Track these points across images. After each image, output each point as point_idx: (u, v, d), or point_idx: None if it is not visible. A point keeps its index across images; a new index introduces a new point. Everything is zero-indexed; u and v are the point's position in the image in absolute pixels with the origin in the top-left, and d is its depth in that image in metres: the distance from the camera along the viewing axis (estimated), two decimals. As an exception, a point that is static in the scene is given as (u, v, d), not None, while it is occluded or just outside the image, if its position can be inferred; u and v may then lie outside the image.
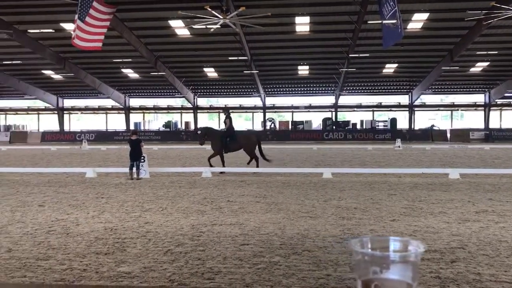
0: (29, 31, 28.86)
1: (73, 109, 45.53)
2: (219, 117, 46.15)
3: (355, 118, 43.61)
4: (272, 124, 43.15)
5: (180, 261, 5.12)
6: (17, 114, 47.36)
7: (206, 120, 47.86)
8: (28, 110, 46.93)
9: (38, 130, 45.30)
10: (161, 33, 29.66)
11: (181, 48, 32.23)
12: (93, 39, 21.03)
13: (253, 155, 14.62)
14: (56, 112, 44.29)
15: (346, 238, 6.09)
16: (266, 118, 43.17)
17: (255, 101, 43.71)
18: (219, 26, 22.61)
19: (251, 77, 37.25)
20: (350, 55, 31.67)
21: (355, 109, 43.47)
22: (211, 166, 14.32)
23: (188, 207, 8.48)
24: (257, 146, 14.66)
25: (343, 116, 45.65)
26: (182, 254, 5.38)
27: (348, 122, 42.46)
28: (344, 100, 42.65)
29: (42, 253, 5.47)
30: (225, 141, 14.64)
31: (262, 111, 43.31)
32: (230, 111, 16.42)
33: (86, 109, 45.98)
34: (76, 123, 47.07)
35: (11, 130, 44.34)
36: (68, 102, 44.78)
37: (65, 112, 44.71)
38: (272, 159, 15.13)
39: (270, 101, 43.51)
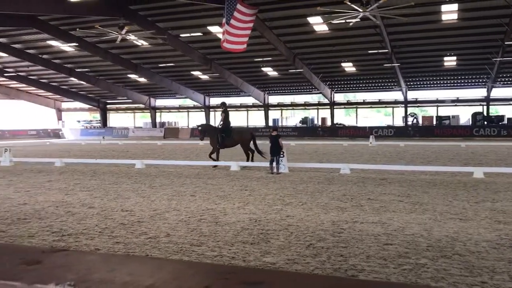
0: (180, 35, 31.50)
1: (217, 106, 48.63)
2: (356, 113, 45.31)
3: (511, 112, 39.28)
4: (414, 120, 41.00)
5: (322, 256, 5.16)
6: (170, 112, 52.18)
7: (343, 116, 47.36)
8: (179, 108, 51.47)
9: (188, 126, 49.39)
10: (299, 30, 30.07)
11: (319, 44, 32.31)
12: (238, 41, 22.07)
13: (248, 151, 15.23)
14: (203, 109, 47.80)
15: None
16: (408, 113, 41.16)
17: (396, 95, 41.96)
18: (358, 20, 22.16)
19: (391, 70, 35.84)
20: (505, 43, 28.59)
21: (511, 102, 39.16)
22: (213, 160, 15.22)
23: (328, 203, 8.49)
24: (251, 142, 15.15)
25: (495, 110, 41.48)
26: (324, 249, 5.42)
27: (502, 116, 38.43)
28: (498, 92, 38.68)
29: (195, 239, 5.96)
30: (221, 137, 15.27)
31: (403, 105, 41.42)
32: (227, 106, 16.60)
33: (229, 107, 48.71)
34: (220, 119, 50.15)
35: (165, 126, 49.05)
36: (213, 100, 48.02)
37: (211, 109, 47.99)
38: (267, 154, 14.36)
39: (412, 95, 41.39)
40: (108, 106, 53.83)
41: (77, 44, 32.73)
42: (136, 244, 5.76)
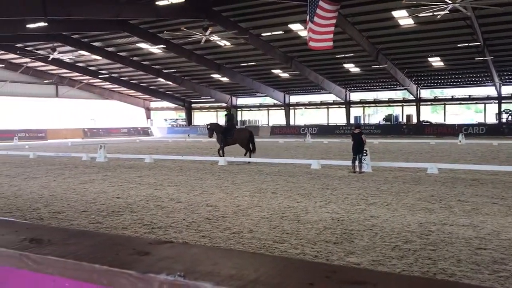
0: (262, 34, 31.85)
1: (297, 104, 48.64)
2: (444, 110, 43.08)
3: None
4: (510, 117, 38.14)
5: (409, 258, 4.98)
6: (250, 110, 53.01)
7: (429, 113, 45.20)
8: (259, 107, 52.11)
9: (268, 124, 49.88)
10: (383, 25, 29.13)
11: (404, 38, 31.08)
12: (323, 39, 21.74)
13: (247, 148, 16.75)
14: (283, 107, 48.00)
15: None
16: (502, 109, 38.37)
17: (488, 90, 39.27)
18: (447, 12, 21.02)
19: (483, 64, 33.59)
20: None
21: None
22: (219, 155, 16.86)
23: (414, 204, 8.17)
24: (249, 140, 16.75)
25: None
26: (411, 252, 5.23)
27: None
28: None
29: (277, 236, 6.01)
30: (224, 135, 17.11)
31: (496, 101, 38.67)
32: (232, 109, 17.66)
33: (309, 104, 48.56)
34: (300, 117, 50.08)
35: (246, 124, 49.92)
36: (293, 98, 48.05)
37: (290, 107, 48.07)
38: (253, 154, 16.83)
39: (506, 90, 38.50)
40: (192, 105, 55.83)
41: (164, 46, 34.27)
42: (221, 238, 5.94)
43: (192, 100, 55.12)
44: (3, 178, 12.89)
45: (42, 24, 26.13)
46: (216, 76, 43.22)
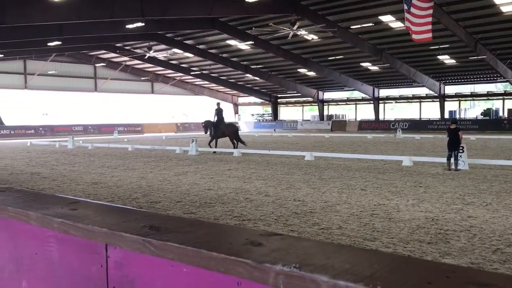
0: (351, 27, 31.21)
1: (387, 98, 47.04)
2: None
3: None
4: None
5: (513, 264, 4.64)
6: (337, 104, 52.23)
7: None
8: (347, 101, 51.18)
9: (355, 119, 48.84)
10: (483, 13, 27.19)
11: (507, 27, 28.76)
12: (423, 30, 20.77)
13: (233, 140, 19.46)
14: (371, 102, 46.70)
15: None
16: None
17: None
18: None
19: None
20: None
21: None
22: (210, 147, 19.43)
23: (518, 205, 7.57)
24: (234, 133, 19.51)
25: None
26: (515, 256, 4.87)
27: None
28: None
29: (368, 234, 5.89)
30: (213, 130, 19.42)
31: None
32: (220, 104, 20.62)
33: (400, 98, 46.77)
34: (390, 112, 48.42)
35: (333, 119, 49.30)
36: (383, 92, 46.54)
37: (380, 101, 46.63)
38: (247, 143, 19.96)
39: None
40: (278, 100, 56.25)
41: (252, 42, 34.86)
42: (309, 233, 5.95)
43: (278, 95, 55.52)
44: (106, 169, 13.94)
45: (139, 24, 27.77)
46: (302, 70, 43.13)
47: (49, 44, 32.92)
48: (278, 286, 0.80)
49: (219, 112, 19.97)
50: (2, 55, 37.78)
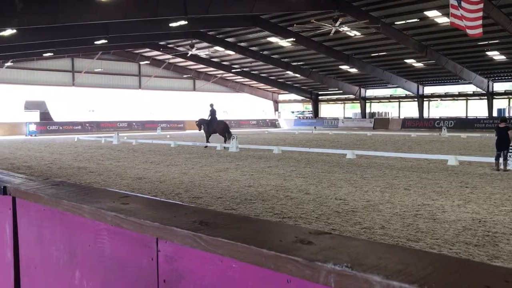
0: (395, 23, 30.53)
1: (432, 96, 45.75)
2: None
3: None
4: None
5: None
6: (380, 102, 51.25)
7: None
8: (390, 98, 50.12)
9: (399, 116, 47.79)
10: (536, 6, 25.97)
11: (562, 20, 27.35)
12: (475, 26, 20.01)
13: (223, 136, 21.24)
14: (416, 99, 45.55)
15: None
16: None
17: None
18: None
19: None
20: None
21: None
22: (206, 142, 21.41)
23: None
24: (225, 130, 21.27)
25: None
26: None
27: None
28: None
29: (411, 235, 5.77)
30: (207, 127, 21.55)
31: None
32: (213, 105, 22.15)
33: (445, 96, 45.39)
34: (435, 110, 47.08)
35: (375, 117, 48.43)
36: (427, 89, 45.30)
37: (424, 99, 45.42)
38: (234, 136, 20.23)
39: None
40: (319, 97, 55.78)
41: (293, 39, 34.69)
42: (351, 233, 5.89)
43: (319, 92, 55.05)
44: (149, 165, 14.27)
45: (182, 22, 28.19)
46: (344, 67, 42.57)
47: (96, 42, 33.95)
48: (329, 285, 0.80)
49: (212, 112, 21.96)
50: (52, 54, 39.27)
